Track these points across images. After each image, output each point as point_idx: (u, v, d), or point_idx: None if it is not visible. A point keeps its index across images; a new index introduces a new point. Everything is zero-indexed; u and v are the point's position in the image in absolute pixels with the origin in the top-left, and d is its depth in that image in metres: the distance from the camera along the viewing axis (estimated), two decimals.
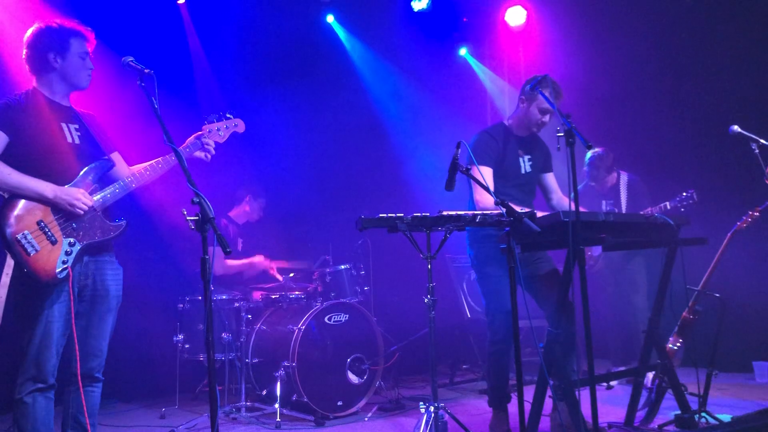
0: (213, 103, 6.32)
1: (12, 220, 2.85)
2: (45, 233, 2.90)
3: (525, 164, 4.11)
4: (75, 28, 3.15)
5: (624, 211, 5.60)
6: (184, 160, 2.79)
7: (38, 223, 2.90)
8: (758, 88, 5.97)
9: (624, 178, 5.76)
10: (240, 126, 3.52)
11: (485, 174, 3.81)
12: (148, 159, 3.28)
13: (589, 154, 5.73)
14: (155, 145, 3.09)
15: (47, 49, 3.09)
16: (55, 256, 2.90)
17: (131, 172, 3.24)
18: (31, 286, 2.89)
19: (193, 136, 3.37)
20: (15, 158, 2.94)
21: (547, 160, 4.27)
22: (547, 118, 4.04)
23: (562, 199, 4.25)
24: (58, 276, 2.89)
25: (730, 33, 6.14)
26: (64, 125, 3.10)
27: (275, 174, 6.47)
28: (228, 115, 3.48)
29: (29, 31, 3.14)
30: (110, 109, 4.06)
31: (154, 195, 5.18)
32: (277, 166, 6.52)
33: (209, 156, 3.39)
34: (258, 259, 5.70)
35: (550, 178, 4.28)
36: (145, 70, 2.85)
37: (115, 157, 3.29)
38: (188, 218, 2.55)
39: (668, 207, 5.13)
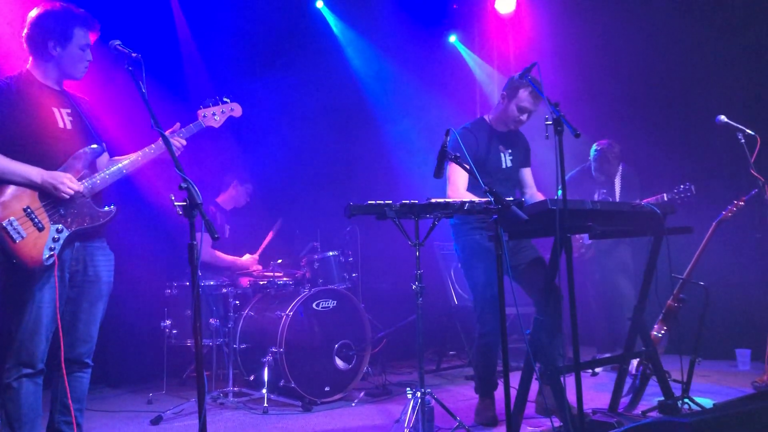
0: (201, 87, 6.28)
1: None
2: (31, 220, 2.88)
3: (506, 159, 4.13)
4: (81, 16, 3.08)
5: (618, 200, 5.61)
6: (171, 145, 2.77)
7: (25, 210, 2.88)
8: (745, 79, 6.01)
9: (618, 168, 5.78)
10: (237, 110, 3.49)
11: (460, 171, 3.83)
12: (138, 145, 3.25)
13: (595, 147, 5.72)
14: (145, 130, 3.07)
15: (48, 36, 3.03)
16: (42, 242, 2.88)
17: (122, 158, 3.21)
18: (20, 272, 2.87)
19: (174, 126, 3.33)
20: (4, 143, 2.91)
21: (527, 155, 4.30)
22: (524, 117, 4.06)
23: (535, 195, 4.27)
24: (45, 263, 2.87)
25: (719, 24, 6.16)
26: (55, 110, 3.06)
27: (263, 160, 6.44)
28: (225, 99, 3.44)
29: (34, 11, 3.07)
30: (98, 95, 4.01)
31: (142, 179, 5.15)
32: (265, 151, 6.49)
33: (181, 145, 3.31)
34: (246, 259, 5.68)
35: (527, 173, 4.31)
36: (133, 54, 2.82)
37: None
38: (176, 204, 2.54)
39: (665, 198, 5.13)
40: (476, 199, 3.50)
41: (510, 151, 4.15)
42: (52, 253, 2.90)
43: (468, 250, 4.06)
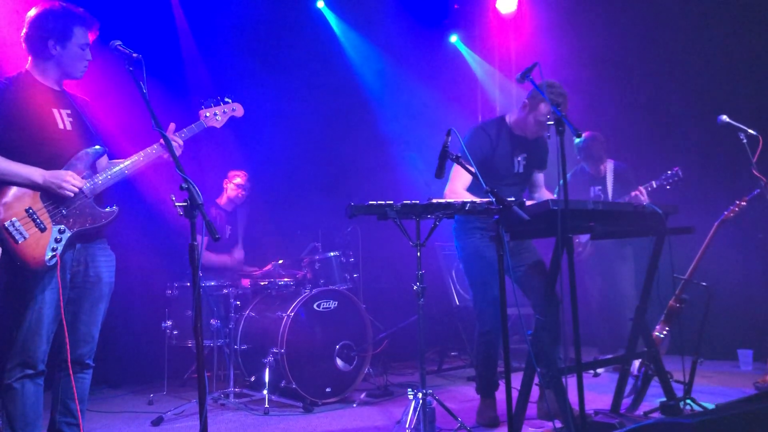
0: (201, 87, 6.27)
1: (0, 207, 2.82)
2: (34, 220, 2.87)
3: (519, 164, 4.08)
4: (81, 15, 3.07)
5: (610, 197, 5.61)
6: (172, 146, 2.77)
7: (27, 211, 2.87)
8: (747, 78, 6.00)
9: (610, 165, 5.76)
10: (238, 110, 3.48)
11: (464, 174, 3.80)
12: (138, 146, 3.25)
13: (579, 140, 5.69)
14: (146, 131, 3.06)
15: (48, 35, 3.01)
16: (44, 243, 2.88)
17: (122, 160, 3.20)
18: (22, 273, 2.86)
19: (170, 126, 3.31)
20: (4, 145, 2.90)
21: (543, 159, 4.23)
22: (543, 131, 4.00)
23: (543, 196, 4.24)
24: (48, 263, 2.87)
25: (720, 22, 6.15)
26: (55, 111, 3.05)
27: (265, 160, 6.44)
28: (226, 99, 3.43)
29: (33, 11, 3.06)
30: (98, 95, 4.01)
31: (143, 180, 5.15)
32: (267, 151, 6.49)
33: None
34: (234, 257, 5.66)
35: (539, 176, 4.27)
36: (134, 55, 2.82)
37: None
38: (177, 204, 2.54)
39: (654, 185, 5.15)
40: (477, 199, 3.49)
41: (525, 155, 4.08)
42: (54, 253, 2.89)
43: (469, 250, 4.05)
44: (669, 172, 5.10)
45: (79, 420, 3.08)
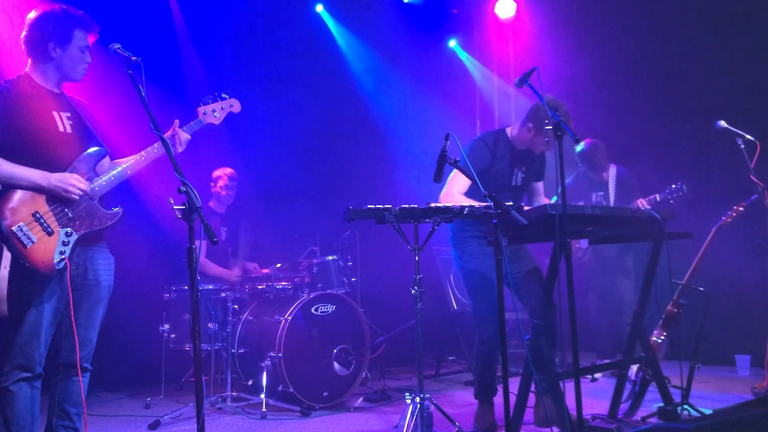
0: (199, 90, 6.26)
1: (7, 212, 2.81)
2: (41, 224, 2.86)
3: (517, 177, 4.08)
4: (81, 18, 3.07)
5: (612, 203, 5.61)
6: (170, 148, 2.77)
7: (33, 215, 2.86)
8: (745, 84, 6.01)
9: (613, 170, 5.77)
10: (236, 106, 3.48)
11: (462, 180, 3.81)
12: (137, 148, 3.24)
13: (580, 148, 5.69)
14: (144, 133, 3.05)
15: (48, 37, 3.00)
16: (52, 246, 2.86)
17: (123, 161, 3.20)
18: (24, 276, 2.85)
19: (174, 123, 3.30)
20: (5, 148, 2.88)
21: (541, 170, 4.24)
22: (549, 149, 4.00)
23: (542, 203, 4.25)
24: (57, 267, 2.86)
25: (718, 28, 6.17)
26: (55, 113, 3.04)
27: (262, 163, 6.44)
28: (224, 95, 3.44)
29: (33, 13, 3.05)
30: (97, 97, 4.01)
31: (141, 182, 5.14)
32: (265, 155, 6.49)
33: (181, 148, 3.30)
34: (232, 273, 5.63)
35: (538, 185, 4.28)
36: (133, 57, 2.82)
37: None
38: (175, 207, 2.53)
39: (658, 199, 5.16)
40: (475, 203, 3.49)
41: (524, 168, 4.09)
42: (63, 256, 2.88)
43: (466, 258, 4.05)
44: (673, 186, 5.10)
45: (76, 423, 3.07)
